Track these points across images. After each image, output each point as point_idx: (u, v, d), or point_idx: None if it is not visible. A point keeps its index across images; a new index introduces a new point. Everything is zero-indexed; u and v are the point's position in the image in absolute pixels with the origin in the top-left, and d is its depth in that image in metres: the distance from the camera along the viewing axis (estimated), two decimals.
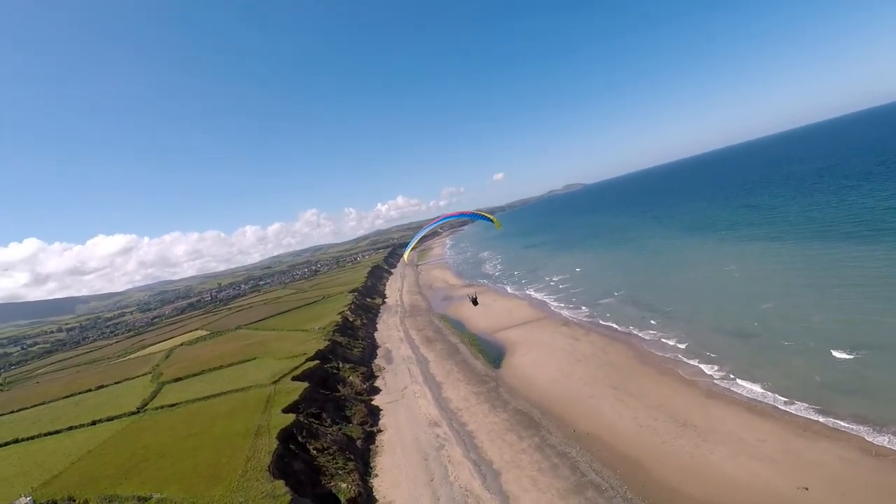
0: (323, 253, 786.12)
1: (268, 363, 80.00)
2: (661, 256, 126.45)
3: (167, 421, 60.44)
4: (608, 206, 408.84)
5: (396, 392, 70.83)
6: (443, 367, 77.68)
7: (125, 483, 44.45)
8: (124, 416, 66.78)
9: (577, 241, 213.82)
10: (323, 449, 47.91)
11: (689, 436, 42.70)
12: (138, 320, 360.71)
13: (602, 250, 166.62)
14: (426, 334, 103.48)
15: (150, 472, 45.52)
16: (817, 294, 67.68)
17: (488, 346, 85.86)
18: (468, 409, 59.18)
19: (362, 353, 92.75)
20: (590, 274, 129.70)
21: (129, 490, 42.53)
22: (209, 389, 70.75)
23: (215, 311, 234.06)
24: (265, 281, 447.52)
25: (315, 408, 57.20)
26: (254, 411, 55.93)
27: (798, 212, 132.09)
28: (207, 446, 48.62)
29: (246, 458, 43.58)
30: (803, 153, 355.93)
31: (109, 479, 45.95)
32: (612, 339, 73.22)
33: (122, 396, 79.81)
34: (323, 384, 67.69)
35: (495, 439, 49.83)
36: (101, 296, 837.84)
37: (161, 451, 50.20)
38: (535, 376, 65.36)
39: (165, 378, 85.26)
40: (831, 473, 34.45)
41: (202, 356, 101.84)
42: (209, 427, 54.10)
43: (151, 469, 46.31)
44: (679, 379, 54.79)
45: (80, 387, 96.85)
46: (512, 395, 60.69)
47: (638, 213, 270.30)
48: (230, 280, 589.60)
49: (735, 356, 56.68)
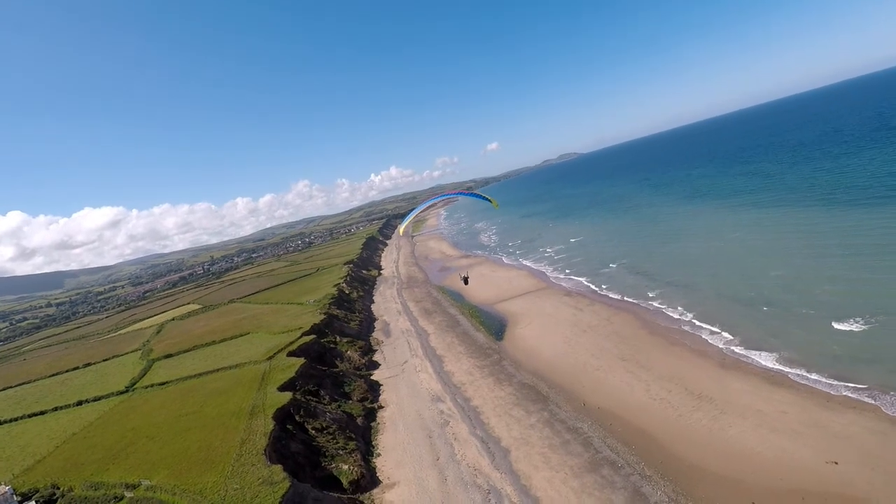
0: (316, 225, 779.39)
1: (262, 338, 77.48)
2: (662, 225, 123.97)
3: (157, 400, 58.02)
4: (604, 175, 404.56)
5: (396, 366, 68.65)
6: (443, 340, 75.46)
7: (112, 468, 42.18)
8: (112, 395, 64.35)
9: (574, 210, 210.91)
10: (322, 428, 45.67)
11: (706, 408, 40.71)
12: (129, 294, 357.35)
13: (600, 219, 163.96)
14: (424, 306, 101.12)
15: (139, 456, 43.22)
16: (824, 262, 65.50)
17: (489, 317, 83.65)
18: (472, 383, 57.06)
19: (359, 326, 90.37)
20: (589, 243, 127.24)
21: (117, 476, 40.24)
22: (201, 366, 68.30)
23: (207, 285, 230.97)
24: (258, 253, 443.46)
25: (312, 384, 54.85)
26: (248, 389, 53.54)
27: (799, 178, 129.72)
28: (199, 427, 46.27)
29: (240, 440, 41.24)
30: (801, 120, 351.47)
31: (96, 464, 43.66)
32: (617, 309, 71.05)
33: (110, 375, 77.28)
34: (320, 359, 65.30)
35: (502, 415, 47.77)
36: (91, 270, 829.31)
37: (150, 433, 47.84)
38: (539, 348, 63.23)
39: (156, 355, 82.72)
40: (860, 447, 32.54)
41: (194, 331, 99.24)
42: (201, 407, 51.72)
43: (140, 453, 44.00)
44: (690, 349, 52.71)
45: (66, 364, 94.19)
46: (517, 368, 58.58)
47: (635, 181, 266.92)
48: (223, 253, 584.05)
49: (745, 326, 54.62)
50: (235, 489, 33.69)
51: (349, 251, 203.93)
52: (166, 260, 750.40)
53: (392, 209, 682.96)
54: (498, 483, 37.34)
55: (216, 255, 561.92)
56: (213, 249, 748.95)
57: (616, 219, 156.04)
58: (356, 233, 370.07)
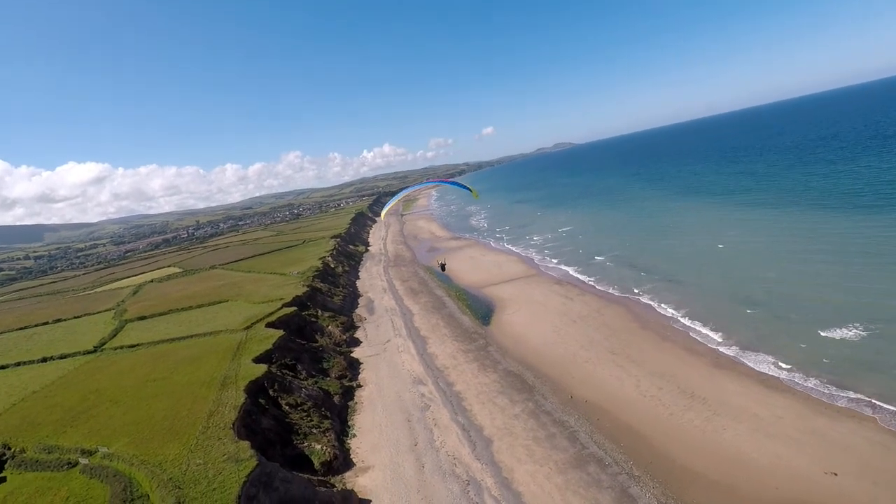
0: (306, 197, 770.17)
1: (241, 307, 74.68)
2: (656, 219, 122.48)
3: (125, 363, 55.26)
4: (598, 166, 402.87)
5: (378, 345, 66.46)
6: (428, 321, 73.35)
7: (70, 431, 39.61)
8: (79, 354, 61.40)
9: (567, 199, 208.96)
10: (296, 405, 43.40)
11: (699, 409, 39.17)
12: (110, 253, 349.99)
13: (594, 210, 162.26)
14: (411, 285, 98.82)
15: (100, 421, 40.68)
16: (818, 267, 64.28)
17: (476, 301, 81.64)
18: (455, 367, 55.10)
19: (343, 301, 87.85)
20: (581, 233, 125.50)
21: (74, 440, 37.70)
22: (175, 331, 65.48)
23: (190, 249, 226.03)
24: (245, 221, 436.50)
25: (290, 358, 52.43)
26: (222, 359, 50.97)
27: (793, 181, 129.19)
28: (167, 395, 43.75)
29: (209, 411, 38.82)
30: (797, 124, 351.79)
31: (53, 425, 41.05)
32: (609, 301, 69.40)
33: (79, 333, 74.09)
34: (299, 333, 62.82)
35: (485, 402, 45.91)
36: (72, 225, 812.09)
37: (115, 396, 45.23)
38: (527, 336, 61.41)
39: (129, 316, 79.57)
40: (861, 458, 31.16)
41: (171, 294, 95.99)
42: (171, 373, 49.12)
43: (102, 417, 41.45)
44: (682, 346, 51.18)
45: (36, 319, 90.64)
46: (503, 355, 56.71)
47: (629, 174, 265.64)
48: (209, 218, 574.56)
49: (741, 326, 53.19)
50: (198, 464, 31.37)
51: (337, 225, 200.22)
52: (151, 221, 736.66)
53: (383, 186, 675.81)
54: (478, 474, 35.51)
55: (202, 220, 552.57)
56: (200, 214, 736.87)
57: (608, 210, 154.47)
58: (346, 207, 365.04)
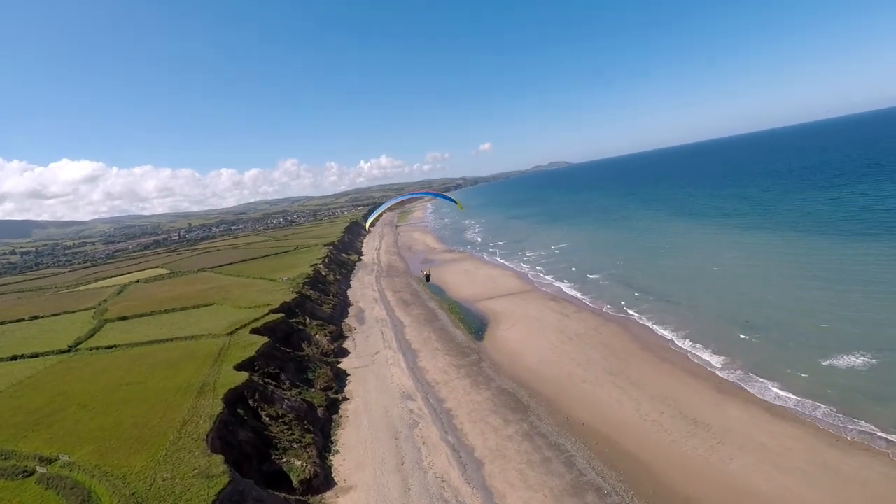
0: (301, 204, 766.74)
1: (226, 311, 72.09)
2: (652, 239, 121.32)
3: (100, 364, 52.52)
4: (593, 185, 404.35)
5: (367, 356, 63.99)
6: (420, 334, 71.03)
7: (31, 436, 36.88)
8: (52, 353, 58.49)
9: (563, 216, 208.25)
10: (277, 416, 40.90)
11: (703, 436, 37.12)
12: (99, 252, 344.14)
13: (589, 228, 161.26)
14: (403, 297, 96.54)
15: (65, 426, 37.96)
16: (820, 291, 63.06)
17: (470, 315, 79.49)
18: (447, 382, 52.76)
19: (332, 310, 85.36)
20: (576, 250, 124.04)
21: (34, 446, 34.99)
22: (155, 333, 62.80)
23: (180, 251, 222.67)
24: (238, 226, 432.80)
25: (273, 367, 49.92)
26: (201, 364, 48.41)
27: (790, 205, 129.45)
28: (139, 400, 41.12)
29: (182, 420, 36.27)
30: (786, 151, 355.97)
31: (14, 428, 38.28)
32: (606, 320, 67.52)
33: (56, 331, 71.08)
34: (285, 340, 60.32)
35: (477, 421, 43.58)
36: (62, 223, 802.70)
37: (84, 400, 42.51)
38: (521, 352, 59.28)
39: (110, 315, 76.69)
40: (878, 496, 29.15)
41: (156, 295, 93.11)
42: (146, 377, 46.48)
43: (67, 422, 38.73)
44: (684, 368, 49.27)
45: (12, 315, 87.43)
46: (496, 372, 54.46)
47: (624, 194, 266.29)
48: (202, 222, 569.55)
49: (741, 350, 51.38)
50: (165, 479, 28.83)
51: (331, 233, 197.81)
52: (143, 222, 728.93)
53: (379, 197, 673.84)
54: (468, 499, 33.06)
55: (194, 223, 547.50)
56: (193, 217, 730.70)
57: (603, 229, 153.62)
58: (340, 216, 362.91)
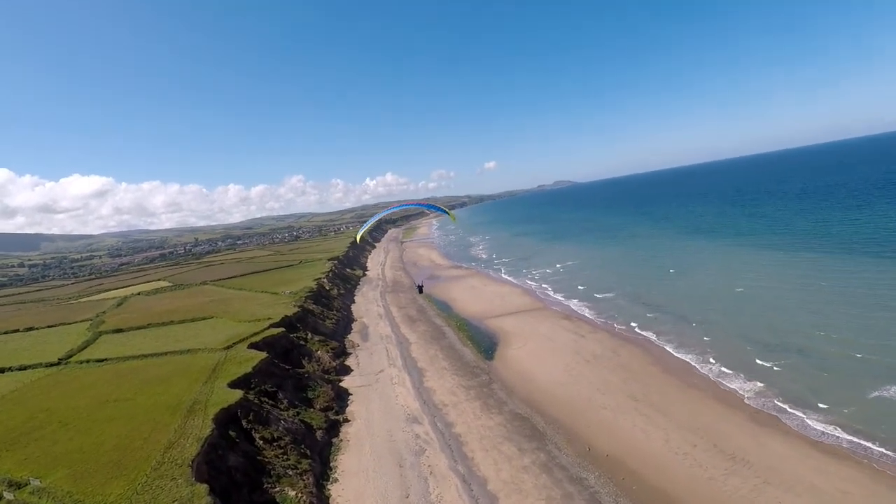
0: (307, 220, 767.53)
1: (225, 324, 69.15)
2: (664, 258, 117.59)
3: (88, 379, 49.48)
4: (600, 203, 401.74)
5: (370, 374, 60.64)
6: (426, 352, 67.69)
7: (4, 456, 33.81)
8: (40, 366, 55.53)
9: (570, 234, 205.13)
10: (272, 439, 37.60)
11: (744, 474, 33.40)
12: (105, 265, 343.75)
13: (598, 245, 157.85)
14: (408, 313, 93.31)
15: (41, 446, 34.85)
16: (853, 316, 58.77)
17: (478, 333, 76.13)
18: (456, 405, 49.31)
19: (335, 325, 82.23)
20: (586, 267, 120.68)
21: (5, 468, 31.85)
22: (150, 347, 59.81)
23: (184, 264, 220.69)
24: (243, 241, 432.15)
25: (271, 384, 46.73)
26: (194, 381, 45.30)
27: (809, 225, 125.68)
28: (124, 419, 37.99)
29: (168, 442, 33.09)
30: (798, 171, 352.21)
31: None
32: (623, 340, 63.98)
33: (49, 343, 68.25)
34: (285, 356, 57.15)
35: (489, 449, 40.07)
36: (71, 237, 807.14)
37: (66, 417, 39.41)
38: (535, 374, 55.77)
39: (106, 328, 73.93)
40: None
41: (155, 308, 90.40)
42: (134, 394, 43.38)
43: (45, 441, 35.62)
44: (712, 395, 45.61)
45: (7, 326, 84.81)
46: (508, 395, 50.96)
47: (633, 212, 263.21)
48: (208, 236, 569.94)
49: (774, 377, 47.62)
50: None
51: (335, 248, 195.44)
52: (150, 236, 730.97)
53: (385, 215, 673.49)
54: None
55: (201, 238, 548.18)
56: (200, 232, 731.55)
57: (612, 246, 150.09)
58: (345, 232, 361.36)
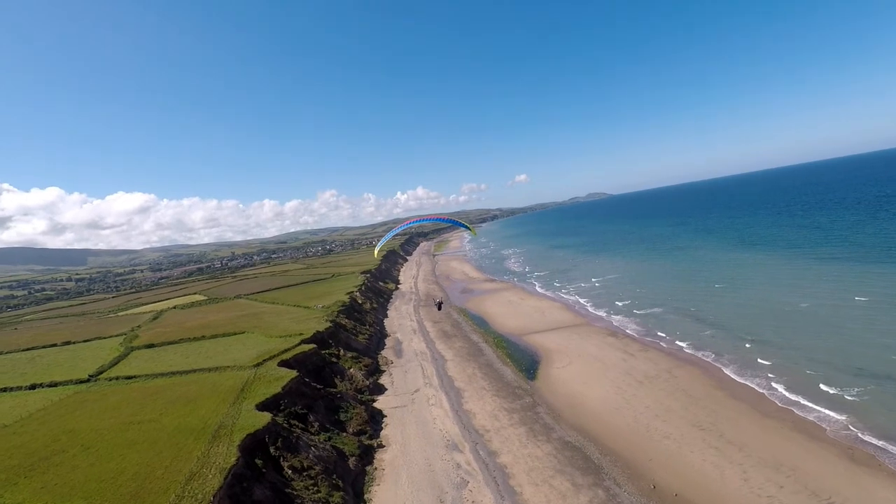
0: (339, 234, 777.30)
1: (256, 340, 67.19)
2: (715, 271, 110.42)
3: (115, 398, 47.74)
4: (637, 215, 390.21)
5: (405, 394, 57.24)
6: (463, 370, 63.89)
7: (22, 483, 31.72)
8: (70, 383, 54.46)
9: (609, 246, 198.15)
10: (302, 468, 34.52)
11: None
12: (146, 278, 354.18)
13: (640, 258, 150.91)
14: (443, 328, 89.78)
15: (61, 473, 32.68)
16: None
17: (517, 350, 71.96)
18: (498, 431, 45.30)
19: (368, 340, 79.43)
20: (629, 281, 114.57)
21: (21, 496, 29.85)
22: (179, 363, 58.13)
23: (220, 278, 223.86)
24: (278, 255, 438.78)
25: (301, 405, 43.87)
26: (221, 401, 42.89)
27: (872, 236, 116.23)
28: (147, 443, 35.62)
29: (189, 473, 30.39)
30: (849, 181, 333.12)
31: (6, 473, 33.44)
32: (679, 360, 58.66)
33: (82, 358, 67.67)
34: (316, 374, 54.39)
35: (540, 483, 35.89)
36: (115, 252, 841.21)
37: (88, 441, 37.35)
38: (583, 396, 51.20)
39: (138, 342, 73.22)
40: None
41: (188, 322, 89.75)
42: (160, 415, 41.19)
43: (64, 467, 33.47)
44: (794, 427, 40.13)
45: (47, 340, 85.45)
46: (556, 419, 46.62)
47: (672, 224, 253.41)
48: (244, 250, 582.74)
49: (865, 406, 41.72)
50: None
51: (368, 261, 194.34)
52: (190, 251, 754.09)
53: (416, 228, 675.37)
54: None
55: (237, 252, 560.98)
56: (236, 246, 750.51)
57: (656, 259, 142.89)
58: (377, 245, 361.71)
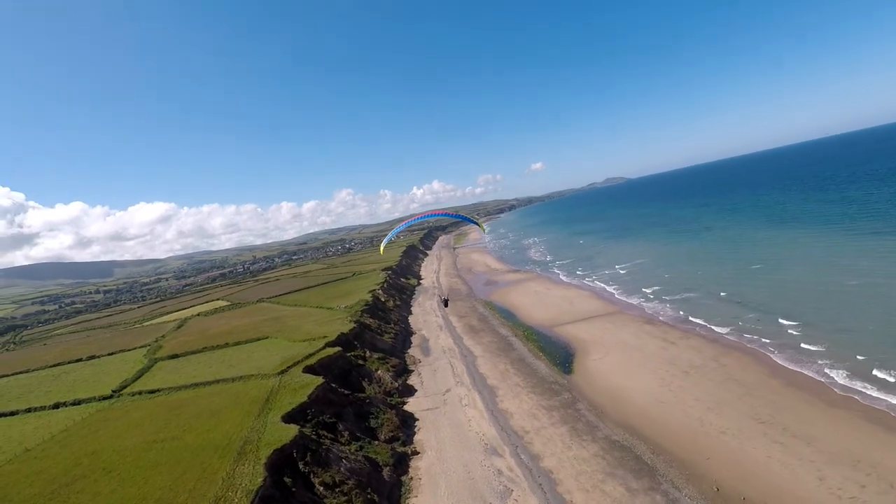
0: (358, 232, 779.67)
1: (279, 345, 65.46)
2: (747, 250, 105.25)
3: (138, 414, 46.26)
4: (657, 198, 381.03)
5: (436, 395, 54.83)
6: (495, 367, 61.22)
7: None
8: (93, 400, 53.28)
9: (634, 230, 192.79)
10: (333, 484, 32.34)
11: None
12: (172, 287, 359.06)
13: (667, 240, 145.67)
14: (469, 322, 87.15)
15: (81, 500, 31.02)
16: None
17: (549, 342, 69.01)
18: (538, 431, 42.54)
19: (394, 340, 77.25)
20: (660, 265, 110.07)
21: None
22: (202, 374, 56.64)
23: (242, 282, 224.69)
24: (298, 256, 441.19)
25: (329, 414, 41.73)
26: (246, 413, 40.99)
27: None
28: (171, 464, 33.80)
29: (215, 497, 28.36)
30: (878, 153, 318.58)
31: (26, 502, 31.79)
32: (725, 347, 55.03)
33: (106, 373, 66.83)
34: (343, 379, 52.26)
35: (590, 490, 33.07)
36: (140, 262, 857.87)
37: (110, 463, 35.70)
38: (625, 390, 48.07)
39: (162, 353, 72.27)
40: None
41: (211, 330, 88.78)
42: (183, 431, 39.41)
43: (86, 494, 31.81)
44: (865, 416, 36.46)
45: (72, 355, 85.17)
46: (599, 416, 43.68)
47: (698, 204, 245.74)
48: (265, 253, 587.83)
49: None
50: None
51: (389, 258, 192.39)
52: (212, 257, 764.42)
53: (433, 222, 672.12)
54: None
55: (258, 255, 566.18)
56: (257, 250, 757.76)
57: (684, 241, 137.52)
58: (396, 241, 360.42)
